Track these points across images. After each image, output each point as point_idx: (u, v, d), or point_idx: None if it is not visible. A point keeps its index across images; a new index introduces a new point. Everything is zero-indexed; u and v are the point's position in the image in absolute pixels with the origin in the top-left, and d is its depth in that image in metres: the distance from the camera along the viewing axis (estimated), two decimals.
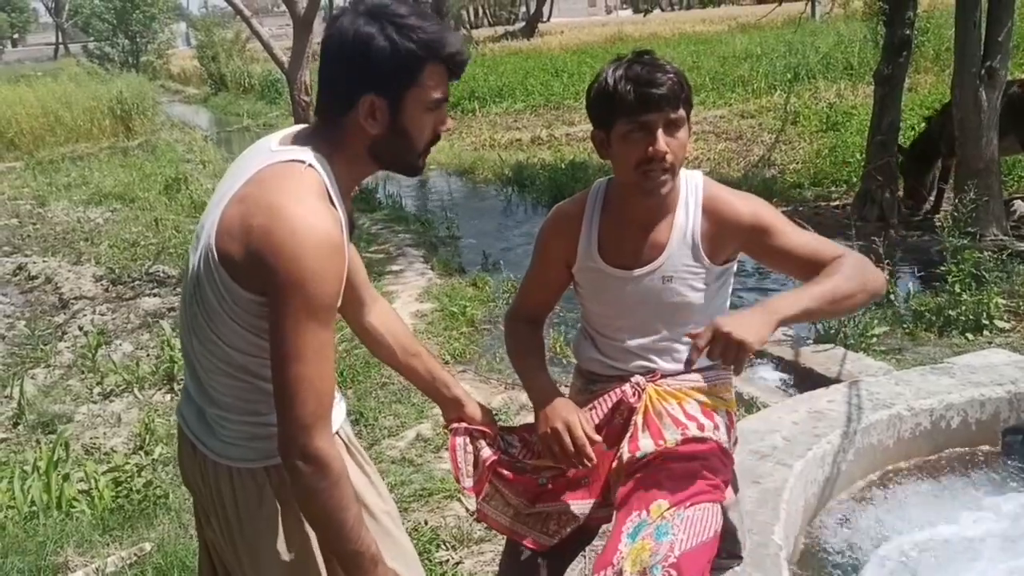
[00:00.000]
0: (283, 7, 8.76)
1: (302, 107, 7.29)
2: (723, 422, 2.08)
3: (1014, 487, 2.94)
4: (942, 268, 5.35)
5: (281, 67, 8.88)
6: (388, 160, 1.61)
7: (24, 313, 7.05)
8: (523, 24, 42.96)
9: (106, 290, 7.34)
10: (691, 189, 2.00)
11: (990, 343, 4.60)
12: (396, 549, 1.75)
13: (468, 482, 2.05)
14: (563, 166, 10.91)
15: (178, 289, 7.11)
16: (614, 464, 2.05)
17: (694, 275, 2.00)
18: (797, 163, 10.28)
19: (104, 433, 4.59)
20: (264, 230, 1.42)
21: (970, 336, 4.78)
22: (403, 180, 12.53)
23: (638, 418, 2.05)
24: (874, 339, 4.75)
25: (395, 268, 7.30)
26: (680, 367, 2.04)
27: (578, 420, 1.98)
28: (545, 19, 46.27)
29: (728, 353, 1.70)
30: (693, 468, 1.97)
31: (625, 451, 2.02)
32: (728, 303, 2.13)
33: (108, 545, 3.41)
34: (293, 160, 1.51)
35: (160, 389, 5.13)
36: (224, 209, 1.49)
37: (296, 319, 1.42)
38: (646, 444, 2.01)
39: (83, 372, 5.42)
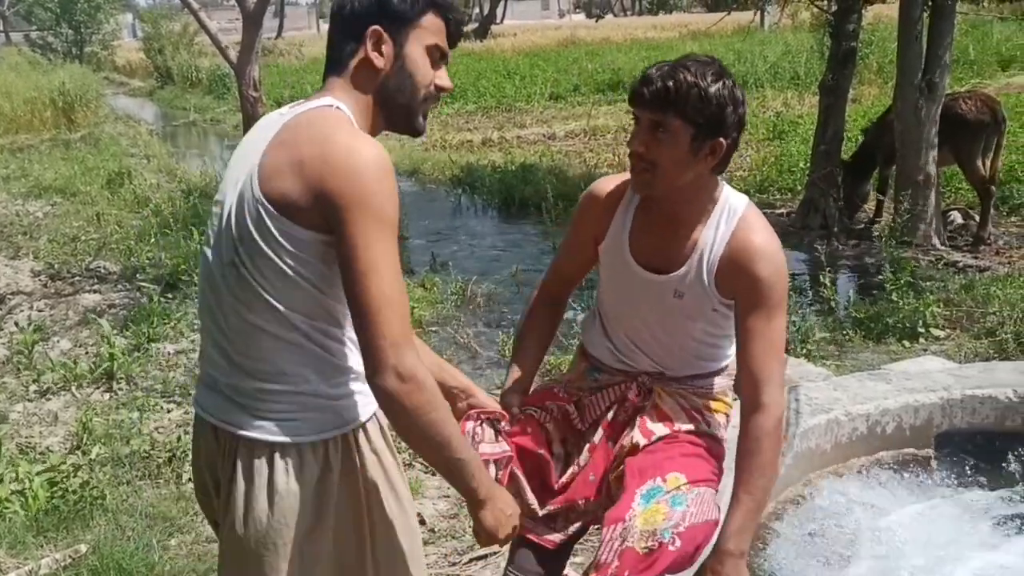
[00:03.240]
0: (232, 1, 8.65)
1: (250, 102, 7.20)
2: (719, 423, 2.17)
3: (944, 491, 3.02)
4: (880, 276, 5.48)
5: (229, 62, 8.76)
6: (393, 103, 1.64)
7: None
8: (476, 25, 42.94)
9: (44, 285, 7.16)
10: (727, 213, 1.97)
11: (926, 350, 4.72)
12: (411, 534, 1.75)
13: None
14: (513, 168, 10.93)
15: (119, 286, 6.98)
16: (615, 452, 2.09)
17: (706, 300, 2.00)
18: (744, 170, 10.43)
19: (40, 432, 4.49)
20: (319, 158, 1.46)
21: (907, 343, 4.91)
22: None
23: (647, 412, 2.11)
24: (815, 345, 4.85)
25: None
26: (689, 374, 2.12)
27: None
28: (498, 21, 46.33)
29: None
30: (703, 454, 2.07)
31: (639, 437, 2.06)
32: (730, 336, 2.09)
33: (42, 547, 3.34)
34: (319, 106, 1.57)
35: (99, 388, 5.02)
36: (261, 160, 1.51)
37: (368, 235, 1.44)
38: (659, 429, 2.07)
39: (19, 369, 5.29)
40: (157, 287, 6.23)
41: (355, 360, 1.59)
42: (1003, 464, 3.12)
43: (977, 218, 7.17)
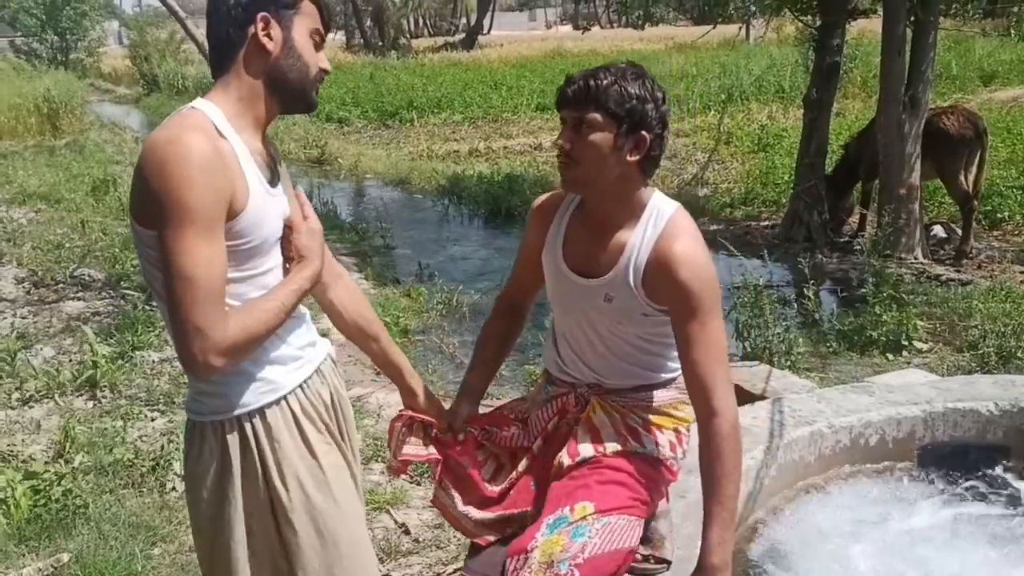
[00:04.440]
0: None
1: None
2: (668, 439, 2.11)
3: (926, 504, 3.04)
4: (864, 289, 5.52)
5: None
6: (286, 87, 1.70)
7: None
8: (463, 36, 43.03)
9: (28, 292, 7.12)
10: (656, 217, 1.98)
11: (909, 363, 4.76)
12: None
13: (394, 463, 2.18)
14: (499, 178, 10.96)
15: (104, 293, 6.95)
16: (553, 468, 2.09)
17: (636, 304, 2.00)
18: (729, 183, 10.51)
19: (22, 440, 4.45)
20: (143, 156, 1.54)
21: (890, 356, 4.95)
22: (338, 187, 12.45)
23: (579, 427, 2.11)
24: (799, 357, 4.88)
25: None
26: (629, 385, 2.10)
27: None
28: (485, 31, 46.41)
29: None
30: (625, 479, 2.02)
31: (565, 457, 2.07)
32: (671, 346, 2.08)
33: (24, 555, 3.31)
34: (178, 110, 1.65)
35: (82, 396, 4.99)
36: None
37: (172, 229, 1.50)
38: (585, 449, 2.06)
39: (1, 377, 5.25)
40: (142, 295, 6.20)
41: None
42: (985, 477, 3.15)
43: (959, 232, 7.24)
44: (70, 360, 5.56)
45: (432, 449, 2.15)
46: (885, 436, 3.24)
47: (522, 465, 2.16)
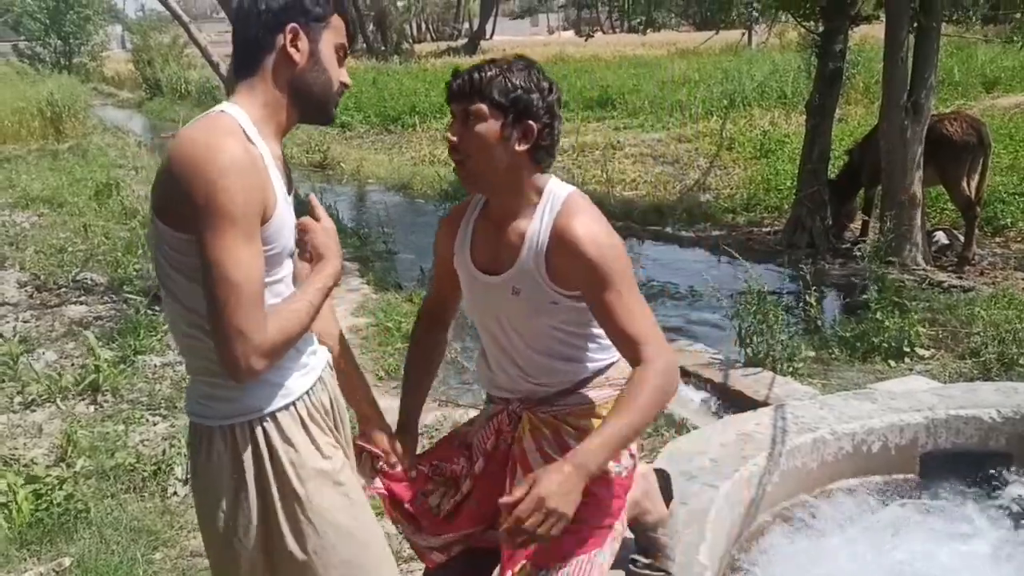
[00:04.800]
0: (222, 13, 8.67)
1: None
2: None
3: (928, 511, 3.03)
4: (866, 296, 5.52)
5: (220, 76, 8.77)
6: (308, 97, 1.72)
7: None
8: (466, 41, 43.14)
9: (30, 296, 7.13)
10: (552, 202, 1.98)
11: (911, 370, 4.75)
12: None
13: None
14: None
15: (106, 297, 6.95)
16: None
17: (543, 293, 1.97)
18: (731, 188, 10.50)
19: (24, 444, 4.45)
20: (175, 162, 1.54)
21: (892, 363, 4.94)
22: (340, 192, 12.46)
23: (515, 450, 2.09)
24: (801, 364, 4.88)
25: None
26: (558, 385, 2.06)
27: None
28: (488, 36, 46.52)
29: (545, 524, 1.71)
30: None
31: (506, 486, 2.05)
32: (592, 335, 2.06)
33: (26, 560, 3.31)
34: (206, 113, 1.65)
35: (83, 400, 4.99)
36: (159, 169, 1.62)
37: (214, 233, 1.51)
38: (519, 479, 2.00)
39: (3, 381, 5.25)
40: (144, 299, 6.20)
41: None
42: (986, 484, 3.14)
43: (962, 238, 7.23)
44: (72, 364, 5.56)
45: (378, 482, 2.13)
46: (888, 443, 3.24)
47: (465, 487, 2.15)
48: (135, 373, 5.30)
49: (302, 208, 1.84)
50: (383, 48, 37.04)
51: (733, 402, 4.61)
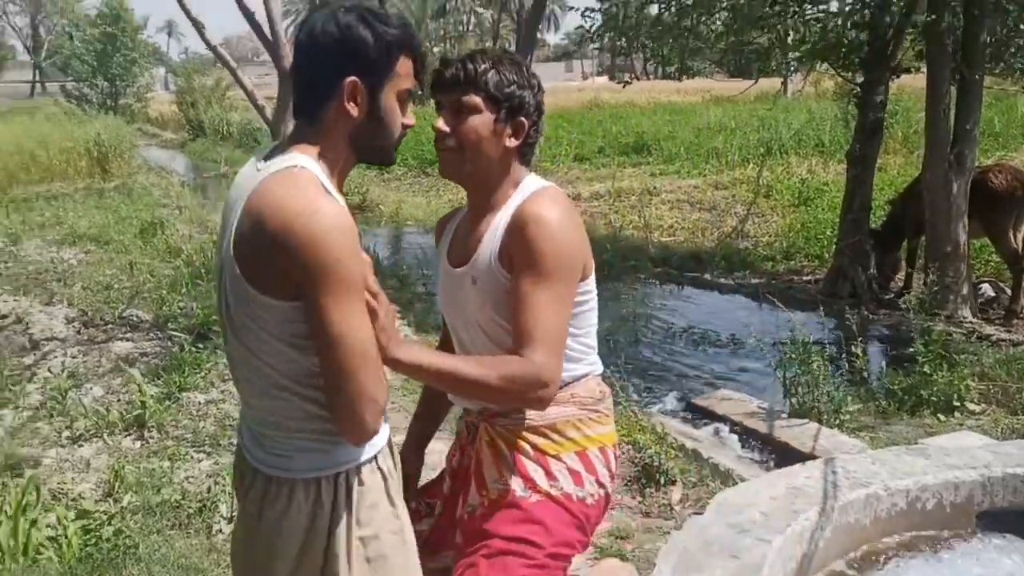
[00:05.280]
0: (262, 56, 8.85)
1: None
2: (568, 467, 1.94)
3: (984, 571, 2.97)
4: (912, 348, 5.46)
5: (265, 118, 8.93)
6: (368, 147, 1.69)
7: None
8: None
9: (78, 332, 7.24)
10: (522, 192, 1.93)
11: (961, 424, 4.68)
12: None
13: None
14: None
15: (151, 334, 7.05)
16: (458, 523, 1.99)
17: (495, 280, 1.88)
18: (770, 236, 10.48)
19: (72, 478, 4.51)
20: (279, 229, 1.48)
21: (942, 417, 4.87)
22: (379, 234, 12.59)
23: (472, 464, 2.00)
24: (848, 416, 4.82)
25: None
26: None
27: None
28: None
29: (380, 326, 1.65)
30: (510, 547, 1.87)
31: (460, 508, 1.98)
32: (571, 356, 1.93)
33: None
34: (284, 168, 1.58)
35: (130, 435, 5.05)
36: (235, 229, 1.56)
37: (336, 300, 1.48)
38: (473, 496, 1.96)
39: (52, 415, 5.33)
40: (188, 337, 6.29)
41: None
42: None
43: (1008, 291, 7.15)
44: (118, 400, 5.63)
45: None
46: (943, 500, 3.18)
47: (438, 508, 2.09)
48: (180, 410, 5.35)
49: None
50: (420, 92, 37.53)
51: (778, 453, 4.57)
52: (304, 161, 1.59)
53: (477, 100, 1.85)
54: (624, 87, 12.79)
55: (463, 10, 65.26)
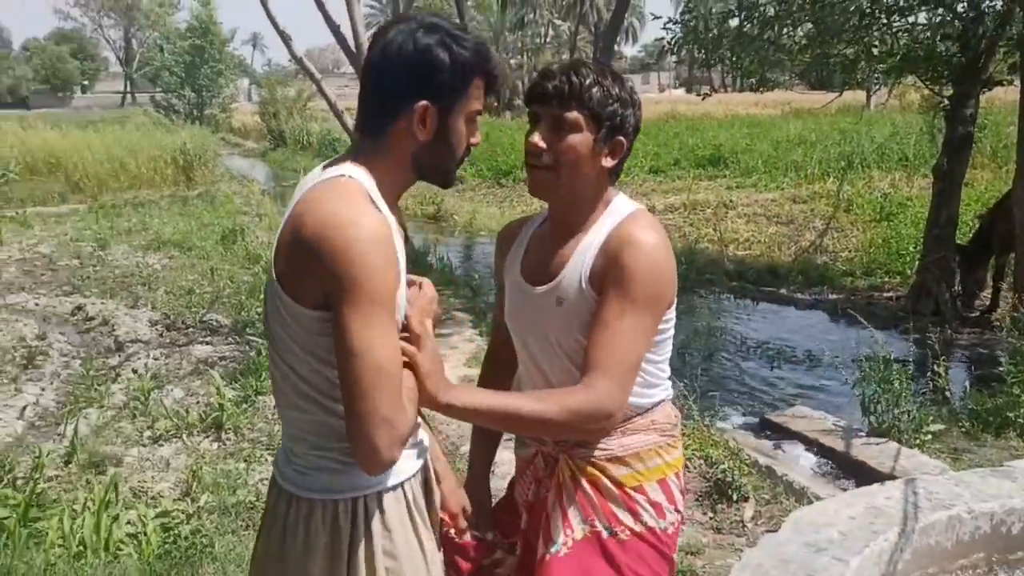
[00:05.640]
0: (342, 68, 9.02)
1: None
2: (648, 500, 1.85)
3: None
4: (1000, 368, 5.27)
5: (347, 129, 9.11)
6: (429, 167, 1.63)
7: (80, 353, 7.18)
8: None
9: (160, 335, 7.46)
10: (615, 214, 1.82)
11: None
12: None
13: None
14: None
15: (230, 339, 7.23)
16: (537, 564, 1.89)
17: (584, 303, 1.78)
18: (850, 251, 10.26)
19: (152, 477, 4.63)
20: (314, 237, 1.44)
21: None
22: (453, 243, 12.70)
23: (550, 497, 1.89)
24: (929, 436, 4.68)
25: (444, 331, 7.36)
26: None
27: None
28: None
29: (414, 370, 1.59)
30: None
31: (540, 545, 1.88)
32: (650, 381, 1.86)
33: None
34: (335, 176, 1.55)
35: (208, 437, 5.17)
36: (279, 234, 1.54)
37: (360, 313, 1.42)
38: (557, 535, 1.84)
39: (134, 415, 5.49)
40: (264, 342, 6.41)
41: None
42: None
43: None
44: (197, 402, 5.78)
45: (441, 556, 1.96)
46: None
47: (518, 547, 2.00)
48: (255, 413, 5.46)
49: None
50: (495, 104, 37.83)
51: (855, 472, 4.46)
52: (355, 171, 1.55)
53: (579, 117, 1.74)
54: (703, 99, 12.70)
55: (541, 22, 65.56)
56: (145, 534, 3.77)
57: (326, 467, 1.57)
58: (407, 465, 1.62)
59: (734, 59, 9.17)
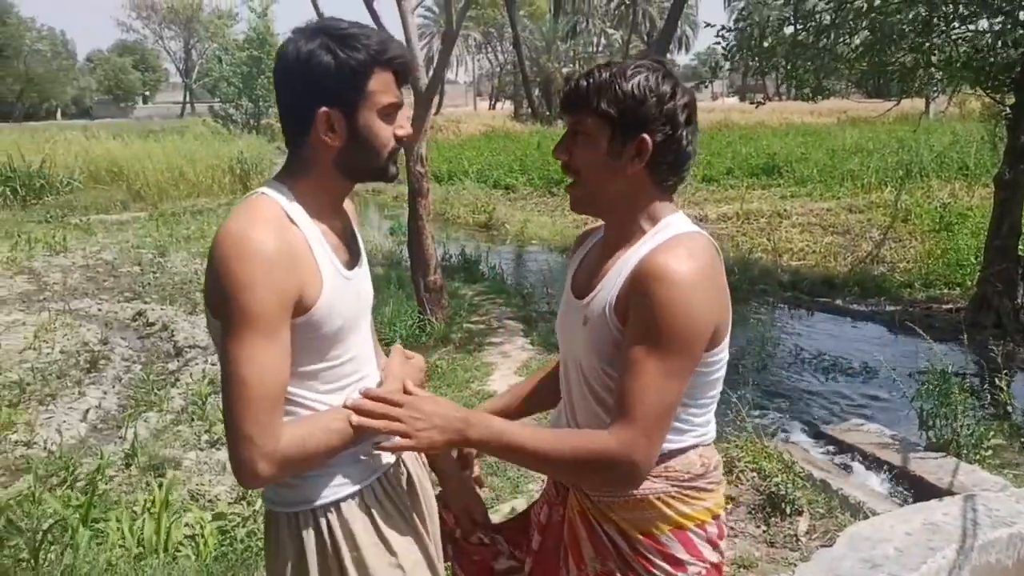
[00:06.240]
0: None
1: (416, 177, 7.51)
2: (659, 550, 1.67)
3: None
4: None
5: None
6: (355, 169, 1.61)
7: (140, 358, 7.36)
8: None
9: None
10: (662, 232, 1.64)
11: None
12: None
13: None
14: None
15: None
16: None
17: (605, 329, 1.63)
18: (908, 262, 10.08)
19: (209, 480, 4.72)
20: (211, 253, 1.47)
21: None
22: (504, 252, 12.73)
23: (565, 529, 1.79)
24: (989, 451, 4.58)
25: (495, 340, 7.39)
26: None
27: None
28: None
29: (391, 427, 1.54)
30: None
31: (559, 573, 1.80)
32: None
33: None
34: (252, 193, 1.58)
35: None
36: None
37: (231, 330, 1.44)
38: (572, 571, 1.75)
39: (192, 419, 5.61)
40: None
41: None
42: None
43: None
44: None
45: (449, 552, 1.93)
46: None
47: (528, 566, 1.91)
48: None
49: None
50: (547, 113, 37.89)
51: (912, 487, 4.39)
52: (271, 188, 1.57)
53: (590, 122, 1.61)
54: (756, 108, 12.57)
55: (593, 31, 65.56)
56: (202, 536, 3.86)
57: (284, 481, 1.56)
58: (364, 472, 1.62)
59: (789, 67, 9.07)
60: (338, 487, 1.60)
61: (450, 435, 1.55)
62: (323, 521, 1.59)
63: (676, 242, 1.58)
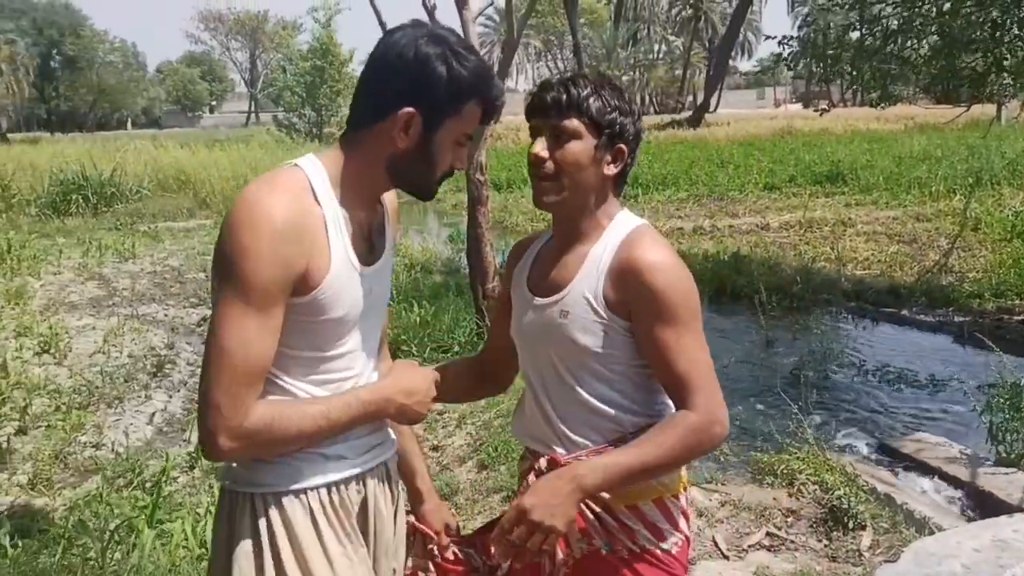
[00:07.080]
0: None
1: (476, 185, 7.54)
2: (642, 520, 1.81)
3: None
4: None
5: None
6: (404, 177, 1.62)
7: None
8: (690, 113, 43.23)
9: None
10: (619, 228, 1.83)
11: None
12: None
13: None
14: (725, 258, 10.81)
15: None
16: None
17: (593, 320, 1.78)
18: (977, 271, 9.81)
19: None
20: (228, 214, 1.48)
21: None
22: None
23: None
24: None
25: None
26: (591, 449, 1.79)
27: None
28: (712, 109, 46.40)
29: (535, 540, 1.62)
30: None
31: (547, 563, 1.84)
32: (640, 386, 1.83)
33: None
34: (285, 164, 1.58)
35: None
36: None
37: (224, 296, 1.44)
38: (557, 553, 1.80)
39: None
40: None
41: None
42: None
43: None
44: None
45: (430, 566, 1.95)
46: None
47: (505, 565, 1.91)
48: None
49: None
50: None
51: (980, 503, 4.26)
52: (308, 162, 1.58)
53: (578, 125, 1.77)
54: (821, 115, 12.40)
55: (654, 38, 65.37)
56: None
57: (242, 462, 1.57)
58: (313, 471, 1.58)
59: (854, 73, 8.93)
60: (281, 477, 1.56)
61: (574, 499, 1.64)
62: (261, 509, 1.56)
63: (642, 234, 1.81)
